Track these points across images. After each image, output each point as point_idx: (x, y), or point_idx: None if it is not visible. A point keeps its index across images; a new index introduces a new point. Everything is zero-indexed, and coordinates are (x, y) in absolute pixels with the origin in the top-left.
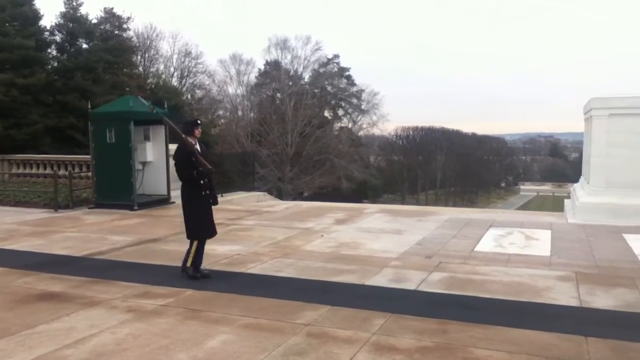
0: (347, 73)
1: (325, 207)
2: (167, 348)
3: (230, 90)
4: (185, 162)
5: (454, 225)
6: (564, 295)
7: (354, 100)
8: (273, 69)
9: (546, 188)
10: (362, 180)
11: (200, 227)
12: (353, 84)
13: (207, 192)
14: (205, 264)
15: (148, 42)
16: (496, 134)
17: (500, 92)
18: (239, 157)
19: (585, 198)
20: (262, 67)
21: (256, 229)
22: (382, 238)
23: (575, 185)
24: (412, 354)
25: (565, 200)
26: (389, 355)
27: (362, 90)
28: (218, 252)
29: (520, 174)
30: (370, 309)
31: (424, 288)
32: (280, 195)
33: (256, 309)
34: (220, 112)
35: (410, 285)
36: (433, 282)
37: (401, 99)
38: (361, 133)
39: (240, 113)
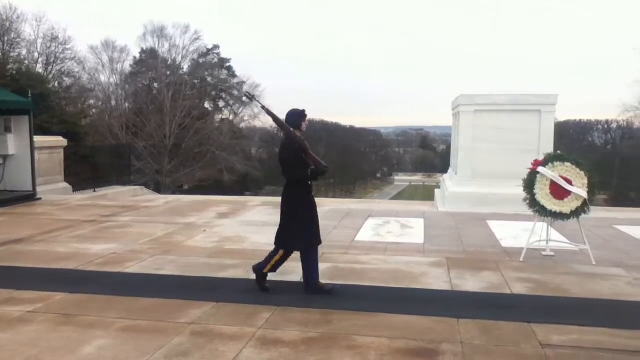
0: (227, 64)
1: (208, 201)
2: (36, 358)
3: (103, 78)
4: (296, 160)
5: (335, 216)
6: (437, 280)
7: (235, 92)
8: (149, 58)
9: (417, 178)
10: (244, 172)
11: (315, 232)
12: (234, 75)
13: (312, 193)
14: (78, 265)
15: (7, 25)
16: (372, 127)
17: (375, 86)
18: (113, 150)
19: (453, 188)
20: (138, 55)
21: (134, 225)
22: (266, 231)
23: (445, 175)
24: (298, 345)
25: (436, 190)
26: (276, 349)
27: (243, 82)
28: (92, 252)
29: (394, 165)
30: (256, 304)
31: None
32: (159, 189)
33: (136, 311)
34: (92, 102)
35: (295, 278)
36: None
37: (282, 92)
38: (242, 125)
39: (113, 103)
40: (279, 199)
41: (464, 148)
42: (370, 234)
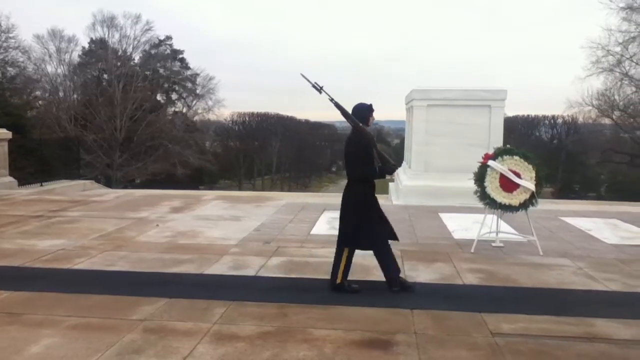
0: (180, 56)
1: (160, 195)
2: None
3: (50, 69)
4: (364, 156)
5: (290, 210)
6: None
7: (189, 85)
8: (99, 48)
9: None
10: (198, 166)
11: (365, 234)
12: (187, 67)
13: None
14: (24, 262)
15: None
16: (327, 121)
17: (330, 80)
18: (61, 142)
19: (407, 181)
20: (87, 46)
21: (83, 220)
22: (220, 225)
23: (399, 169)
24: (254, 340)
25: (390, 183)
26: (231, 344)
27: (197, 75)
28: (39, 248)
29: None
30: (210, 299)
31: (263, 273)
32: (110, 183)
33: (86, 308)
34: (38, 93)
35: (250, 272)
36: (272, 267)
37: (237, 85)
38: (196, 118)
39: (61, 94)
40: (233, 193)
41: (417, 142)
42: (325, 227)
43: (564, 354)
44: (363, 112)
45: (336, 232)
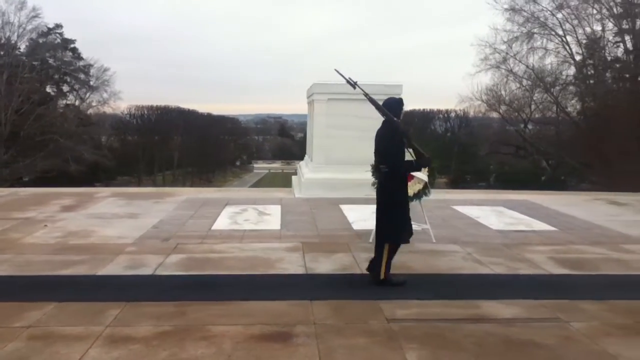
0: (72, 45)
1: (50, 193)
2: None
3: None
4: (399, 150)
5: (191, 205)
6: (292, 264)
7: (82, 76)
8: None
9: (276, 165)
10: (93, 162)
11: (405, 227)
12: (80, 57)
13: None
14: None
15: None
16: (231, 115)
17: (235, 74)
18: None
19: (309, 174)
20: None
21: None
22: (115, 223)
23: (301, 162)
24: (150, 341)
25: (293, 176)
26: (125, 346)
27: (91, 65)
28: None
29: (254, 152)
30: (103, 300)
31: (161, 272)
32: None
33: None
34: None
35: (147, 271)
36: (170, 265)
37: (135, 77)
38: (90, 111)
39: None
40: (130, 189)
41: (318, 135)
42: (227, 222)
43: (453, 336)
44: (396, 106)
45: (238, 227)
